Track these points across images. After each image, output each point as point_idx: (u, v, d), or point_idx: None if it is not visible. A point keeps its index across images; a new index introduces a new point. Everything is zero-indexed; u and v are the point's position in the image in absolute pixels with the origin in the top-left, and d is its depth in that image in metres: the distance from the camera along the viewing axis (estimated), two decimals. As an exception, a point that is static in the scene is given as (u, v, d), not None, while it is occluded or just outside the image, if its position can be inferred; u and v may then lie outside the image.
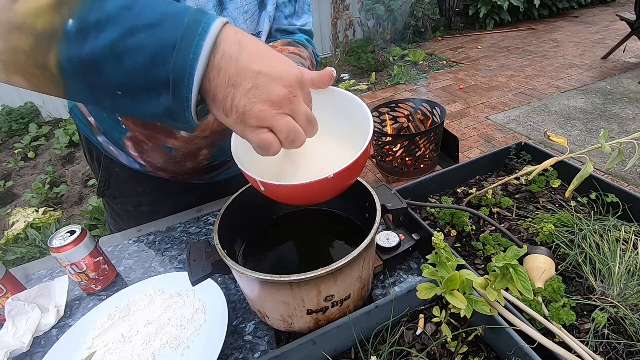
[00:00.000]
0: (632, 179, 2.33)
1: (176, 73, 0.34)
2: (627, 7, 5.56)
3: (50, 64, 0.35)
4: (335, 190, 0.50)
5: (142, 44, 0.34)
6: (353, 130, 0.52)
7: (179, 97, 0.36)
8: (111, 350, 0.59)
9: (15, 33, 0.34)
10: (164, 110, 0.37)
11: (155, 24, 0.34)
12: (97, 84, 0.36)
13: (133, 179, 0.85)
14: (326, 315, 0.53)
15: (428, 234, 0.65)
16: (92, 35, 0.34)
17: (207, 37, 0.35)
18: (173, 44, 0.34)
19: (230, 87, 0.36)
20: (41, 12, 0.33)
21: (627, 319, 0.53)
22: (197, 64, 0.34)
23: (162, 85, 0.35)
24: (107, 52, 0.34)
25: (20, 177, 3.05)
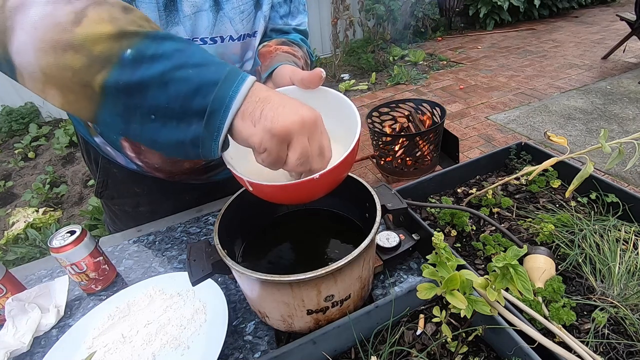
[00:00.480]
0: (632, 178, 2.33)
1: (214, 105, 0.39)
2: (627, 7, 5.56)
3: (95, 83, 0.38)
4: (323, 189, 0.50)
5: (188, 77, 0.39)
6: (343, 129, 0.53)
7: (211, 126, 0.40)
8: (111, 350, 0.59)
9: (70, 52, 0.37)
10: (192, 137, 0.41)
11: (202, 64, 0.40)
12: (136, 105, 0.39)
13: (131, 179, 0.85)
14: (326, 315, 0.53)
15: (428, 234, 0.65)
16: (146, 64, 0.38)
17: (245, 82, 0.41)
18: (216, 81, 0.39)
19: (262, 103, 0.41)
20: (101, 39, 0.37)
21: (627, 318, 0.53)
22: (234, 100, 0.40)
23: (196, 114, 0.40)
24: (156, 79, 0.38)
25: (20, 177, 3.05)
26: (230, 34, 0.68)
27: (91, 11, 0.38)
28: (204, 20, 0.64)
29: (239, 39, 0.70)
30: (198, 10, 0.62)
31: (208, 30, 0.65)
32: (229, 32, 0.67)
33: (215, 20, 0.65)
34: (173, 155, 0.44)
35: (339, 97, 0.55)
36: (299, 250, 0.66)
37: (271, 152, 0.41)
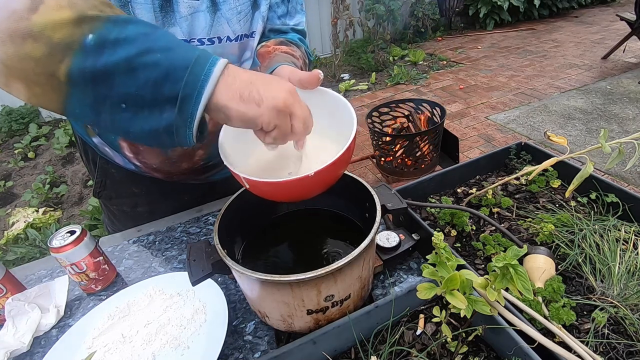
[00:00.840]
0: (632, 178, 2.33)
1: (186, 90, 0.38)
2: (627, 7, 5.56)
3: (60, 72, 0.36)
4: (318, 186, 0.51)
5: (156, 62, 0.37)
6: (339, 129, 0.54)
7: (184, 112, 0.39)
8: (111, 350, 0.59)
9: (29, 41, 0.35)
10: (165, 125, 0.39)
11: (170, 48, 0.39)
12: (105, 95, 0.38)
13: (129, 179, 0.85)
14: (326, 315, 0.53)
15: (428, 234, 0.65)
16: (109, 50, 0.36)
17: (217, 64, 0.40)
18: (186, 65, 0.38)
19: (251, 84, 0.42)
20: (60, 25, 0.36)
21: (626, 318, 0.53)
22: (207, 84, 0.39)
23: (168, 101, 0.38)
24: (122, 65, 0.37)
25: (20, 177, 3.05)
26: (227, 34, 0.68)
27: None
28: (201, 21, 0.64)
29: (237, 39, 0.70)
30: (195, 11, 0.62)
31: (205, 30, 0.65)
32: (226, 33, 0.67)
33: (213, 21, 0.65)
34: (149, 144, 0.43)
35: (336, 98, 0.56)
36: (299, 250, 0.66)
37: (281, 126, 0.44)
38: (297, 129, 0.45)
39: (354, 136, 0.49)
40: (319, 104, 0.55)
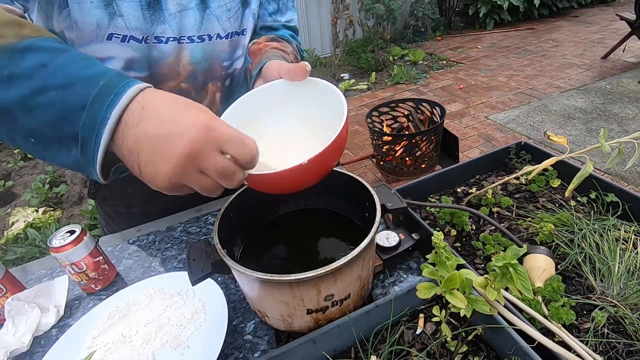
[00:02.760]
0: (632, 178, 2.33)
1: (84, 133, 0.36)
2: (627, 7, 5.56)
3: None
4: (314, 175, 0.50)
5: (52, 102, 0.35)
6: (331, 116, 0.53)
7: (86, 154, 0.37)
8: (111, 349, 0.59)
9: None
10: (73, 162, 0.38)
11: (66, 85, 0.35)
12: (12, 128, 0.37)
13: (124, 180, 0.85)
14: (326, 315, 0.53)
15: (428, 234, 0.65)
16: (4, 87, 0.35)
17: (117, 103, 0.36)
18: (83, 105, 0.35)
19: (134, 155, 0.37)
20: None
21: (626, 318, 0.53)
22: (103, 129, 0.35)
23: (72, 139, 0.36)
24: (18, 104, 0.35)
25: (20, 176, 3.05)
26: (217, 32, 0.67)
27: None
28: (191, 18, 0.63)
29: (227, 36, 0.69)
30: (184, 8, 0.62)
31: (195, 28, 0.65)
32: (216, 30, 0.67)
33: (202, 19, 0.64)
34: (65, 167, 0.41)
35: (326, 86, 0.56)
36: (299, 250, 0.66)
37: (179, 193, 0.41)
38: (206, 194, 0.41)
39: (344, 123, 0.48)
40: (310, 94, 0.57)
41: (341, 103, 0.51)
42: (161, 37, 0.61)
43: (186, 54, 0.66)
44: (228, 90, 0.77)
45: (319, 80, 0.57)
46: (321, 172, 0.51)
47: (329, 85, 0.56)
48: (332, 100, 0.54)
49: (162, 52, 0.64)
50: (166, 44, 0.63)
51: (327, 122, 0.54)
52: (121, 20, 0.57)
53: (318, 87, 0.57)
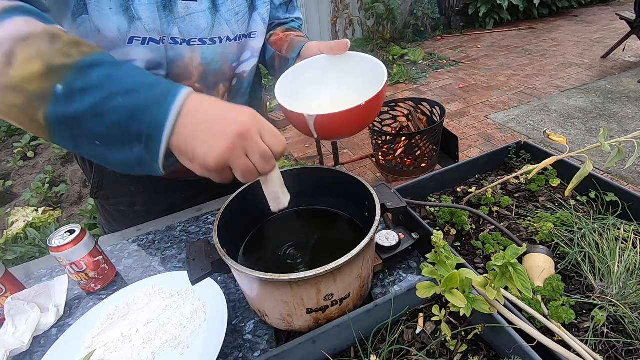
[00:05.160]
0: (632, 177, 2.33)
1: (149, 130, 0.42)
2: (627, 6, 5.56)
3: (39, 117, 0.41)
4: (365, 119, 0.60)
5: (120, 106, 0.41)
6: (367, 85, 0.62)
7: (150, 149, 0.42)
8: (111, 349, 0.59)
9: (10, 92, 0.40)
10: (136, 159, 0.43)
11: (132, 90, 0.41)
12: (80, 134, 0.42)
13: (126, 178, 0.85)
14: (326, 314, 0.53)
15: (427, 233, 0.65)
16: (78, 97, 0.40)
17: (175, 102, 0.42)
18: (146, 106, 0.41)
19: (190, 139, 0.42)
20: (33, 78, 0.40)
21: (626, 317, 0.53)
22: (166, 124, 0.41)
23: (135, 138, 0.42)
24: (90, 111, 0.40)
25: (20, 176, 3.05)
26: (227, 34, 0.70)
27: (19, 50, 0.40)
28: (203, 21, 0.66)
29: (235, 39, 0.72)
30: (192, 12, 0.64)
31: (207, 31, 0.67)
32: (226, 33, 0.70)
33: (214, 22, 0.67)
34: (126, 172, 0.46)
35: (363, 56, 0.66)
36: (299, 249, 0.66)
37: (216, 178, 0.45)
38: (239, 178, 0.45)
39: (385, 81, 0.58)
40: (351, 65, 0.67)
41: (380, 67, 0.62)
42: (176, 38, 0.64)
43: (197, 55, 0.68)
44: (234, 90, 0.80)
45: (355, 52, 0.67)
46: (370, 116, 0.61)
47: (364, 55, 0.66)
48: (369, 67, 0.64)
49: (177, 53, 0.66)
50: (180, 45, 0.65)
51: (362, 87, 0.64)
52: (140, 24, 0.60)
53: (355, 58, 0.67)
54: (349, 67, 0.67)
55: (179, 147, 0.43)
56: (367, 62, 0.65)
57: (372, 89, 0.59)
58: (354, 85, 0.68)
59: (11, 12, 0.42)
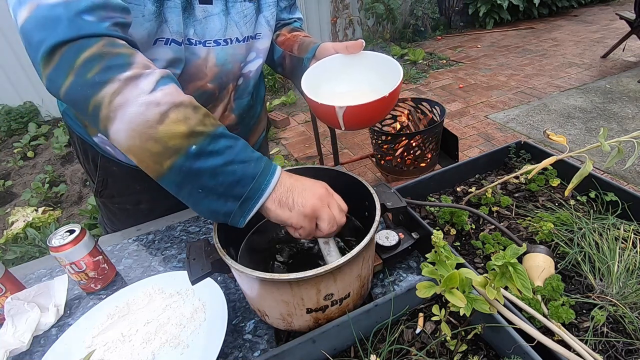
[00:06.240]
0: (631, 177, 2.33)
1: (250, 194, 0.51)
2: (627, 6, 5.56)
3: (165, 164, 0.49)
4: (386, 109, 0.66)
5: (234, 171, 0.50)
6: (382, 81, 0.68)
7: (244, 208, 0.51)
8: (111, 349, 0.59)
9: (151, 142, 0.48)
10: (225, 211, 0.51)
11: (246, 161, 0.51)
12: (188, 183, 0.50)
13: (131, 176, 0.85)
14: (325, 314, 0.53)
15: (427, 233, 0.65)
16: (204, 158, 0.49)
17: (274, 176, 0.53)
18: (254, 176, 0.51)
19: (289, 192, 0.53)
20: (176, 136, 0.48)
21: (626, 317, 0.53)
22: (266, 191, 0.52)
23: (234, 197, 0.51)
24: (210, 170, 0.49)
25: (20, 176, 3.05)
26: (236, 36, 0.73)
27: (172, 113, 0.49)
28: (217, 23, 0.69)
29: (244, 40, 0.75)
30: (209, 14, 0.67)
31: (221, 32, 0.70)
32: (235, 35, 0.73)
33: (226, 24, 0.70)
34: (202, 215, 0.54)
35: (376, 54, 0.71)
36: (299, 249, 0.66)
37: (306, 228, 0.53)
38: (322, 229, 0.54)
39: (401, 77, 0.63)
40: (366, 64, 0.72)
41: (393, 63, 0.67)
42: (192, 39, 0.67)
43: (212, 56, 0.71)
44: (240, 89, 0.83)
45: (369, 52, 0.71)
46: (390, 106, 0.66)
47: (379, 54, 0.70)
48: (383, 63, 0.69)
49: (193, 54, 0.69)
50: (196, 46, 0.69)
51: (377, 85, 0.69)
52: (165, 26, 0.63)
53: (370, 57, 0.71)
54: (363, 65, 0.72)
55: (279, 199, 0.52)
56: (380, 59, 0.70)
57: (386, 83, 0.64)
58: (368, 81, 0.72)
59: (166, 79, 0.51)
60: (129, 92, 0.48)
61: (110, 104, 0.48)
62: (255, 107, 0.93)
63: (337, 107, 0.60)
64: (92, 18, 0.48)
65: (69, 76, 0.47)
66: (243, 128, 0.89)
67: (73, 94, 0.49)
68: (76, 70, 0.47)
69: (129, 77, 0.48)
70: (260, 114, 0.96)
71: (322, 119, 0.67)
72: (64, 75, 0.48)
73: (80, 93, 0.48)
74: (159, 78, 0.50)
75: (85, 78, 0.47)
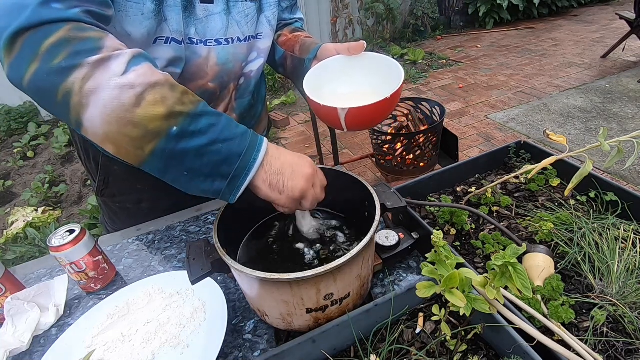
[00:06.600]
0: (631, 177, 2.33)
1: (237, 172, 0.50)
2: (627, 6, 5.56)
3: (147, 149, 0.47)
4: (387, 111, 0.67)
5: (219, 150, 0.49)
6: (383, 82, 0.68)
7: (232, 186, 0.51)
8: (110, 349, 0.59)
9: (130, 126, 0.46)
10: (214, 190, 0.51)
11: (230, 139, 0.50)
12: (173, 166, 0.49)
13: (133, 176, 0.85)
14: (325, 314, 0.53)
15: (427, 233, 0.65)
16: (187, 139, 0.48)
17: (261, 151, 0.52)
18: (239, 153, 0.50)
19: (280, 175, 0.53)
20: (155, 119, 0.46)
21: (625, 317, 0.54)
22: (253, 168, 0.51)
23: (221, 176, 0.50)
24: (194, 151, 0.48)
25: (20, 176, 3.05)
26: (238, 35, 0.73)
27: (148, 94, 0.47)
28: (218, 23, 0.69)
29: (245, 40, 0.75)
30: (210, 14, 0.67)
31: (222, 32, 0.70)
32: (237, 34, 0.73)
33: (228, 24, 0.70)
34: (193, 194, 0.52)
35: (377, 56, 0.72)
36: (299, 249, 0.66)
37: (292, 208, 0.56)
38: (305, 207, 0.57)
39: (403, 79, 0.64)
40: (368, 65, 0.72)
41: (395, 65, 0.68)
42: (193, 38, 0.67)
43: (214, 55, 0.72)
44: (242, 89, 0.83)
45: (371, 53, 0.72)
46: (392, 108, 0.66)
47: (380, 55, 0.71)
48: (384, 65, 0.70)
49: (194, 53, 0.69)
50: (197, 45, 0.69)
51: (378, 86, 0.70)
52: (165, 25, 0.63)
53: (371, 58, 0.72)
54: (364, 66, 0.73)
55: (269, 181, 0.53)
56: (382, 61, 0.71)
57: (388, 84, 0.65)
58: (369, 82, 0.73)
59: (138, 57, 0.49)
60: (100, 76, 0.45)
61: (81, 90, 0.45)
62: (257, 107, 0.93)
63: (339, 109, 0.61)
64: (60, 5, 0.46)
65: (34, 63, 0.44)
66: None
67: (38, 83, 0.45)
68: (41, 56, 0.44)
69: (97, 60, 0.45)
70: (261, 113, 0.96)
71: (325, 120, 0.67)
72: (27, 63, 0.45)
73: (46, 81, 0.45)
74: (130, 58, 0.47)
75: (50, 65, 0.44)
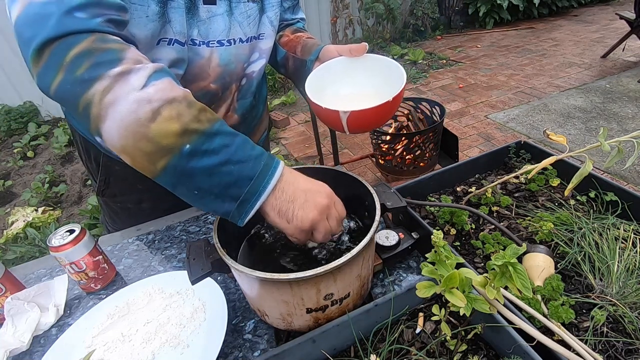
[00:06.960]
0: (631, 177, 2.33)
1: (247, 196, 0.49)
2: (627, 6, 5.56)
3: (159, 164, 0.48)
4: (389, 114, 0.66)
5: (230, 172, 0.48)
6: (385, 84, 0.68)
7: (242, 209, 0.50)
8: (110, 349, 0.59)
9: (144, 140, 0.47)
10: (223, 211, 0.50)
11: (243, 161, 0.49)
12: (184, 183, 0.49)
13: (134, 176, 0.85)
14: (325, 314, 0.53)
15: (427, 233, 0.65)
16: (198, 158, 0.47)
17: (274, 176, 0.51)
18: (251, 177, 0.49)
19: (290, 203, 0.51)
20: (169, 135, 0.46)
21: (625, 317, 0.54)
22: (263, 194, 0.50)
23: (232, 198, 0.49)
24: (205, 170, 0.48)
25: (20, 176, 3.04)
26: (240, 36, 0.73)
27: (164, 110, 0.47)
28: (221, 24, 0.69)
29: (247, 40, 0.75)
30: (212, 15, 0.67)
31: (224, 33, 0.70)
32: (239, 35, 0.73)
33: (230, 25, 0.71)
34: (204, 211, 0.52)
35: (379, 57, 0.72)
36: (298, 249, 0.66)
37: (300, 239, 0.54)
38: (316, 239, 0.54)
39: (405, 81, 0.63)
40: (369, 66, 0.72)
41: (396, 66, 0.68)
42: (195, 39, 0.67)
43: (216, 56, 0.72)
44: (243, 89, 0.83)
45: (372, 54, 0.72)
46: (393, 110, 0.66)
47: (381, 57, 0.71)
48: (386, 66, 0.70)
49: (196, 54, 0.69)
50: (199, 46, 0.69)
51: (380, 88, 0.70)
52: (169, 26, 0.63)
53: (372, 60, 0.72)
54: (367, 68, 0.72)
55: (279, 208, 0.51)
56: (384, 62, 0.71)
57: (389, 86, 0.65)
58: (371, 84, 0.73)
59: (160, 73, 0.49)
60: (120, 89, 0.46)
61: (100, 102, 0.46)
62: (258, 107, 0.93)
63: (341, 112, 0.61)
64: (84, 15, 0.47)
65: (59, 73, 0.46)
66: (245, 128, 0.90)
67: (63, 92, 0.47)
68: (66, 67, 0.46)
69: (119, 73, 0.46)
70: (262, 114, 0.96)
71: (326, 122, 0.67)
72: (54, 73, 0.46)
73: (70, 91, 0.46)
74: (151, 73, 0.48)
75: (74, 75, 0.46)
